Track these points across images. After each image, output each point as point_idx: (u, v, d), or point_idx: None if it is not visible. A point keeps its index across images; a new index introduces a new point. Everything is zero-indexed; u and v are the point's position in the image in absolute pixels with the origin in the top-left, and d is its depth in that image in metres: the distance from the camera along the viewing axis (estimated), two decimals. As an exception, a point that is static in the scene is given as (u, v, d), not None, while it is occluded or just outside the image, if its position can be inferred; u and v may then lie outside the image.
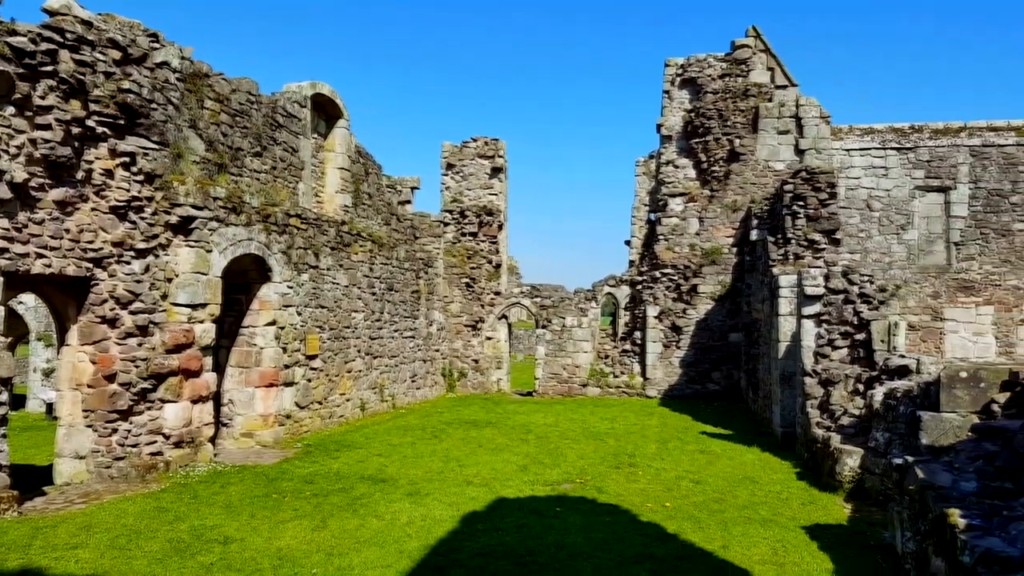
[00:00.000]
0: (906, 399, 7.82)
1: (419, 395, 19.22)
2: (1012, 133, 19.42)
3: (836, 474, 8.89)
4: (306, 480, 9.44)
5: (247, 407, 12.10)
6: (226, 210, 10.80)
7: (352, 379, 15.18)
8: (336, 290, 14.45)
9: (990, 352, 19.18)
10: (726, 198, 20.61)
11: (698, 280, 20.18)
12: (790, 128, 20.25)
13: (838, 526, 7.45)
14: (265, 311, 12.18)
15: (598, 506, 8.26)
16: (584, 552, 6.54)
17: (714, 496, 8.76)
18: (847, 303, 11.15)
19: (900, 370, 9.17)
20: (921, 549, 5.47)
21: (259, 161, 12.98)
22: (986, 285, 19.41)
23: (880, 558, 6.32)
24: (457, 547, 6.66)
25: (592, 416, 16.34)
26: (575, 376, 21.15)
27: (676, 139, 21.54)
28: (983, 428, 5.91)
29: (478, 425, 14.77)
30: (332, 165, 16.11)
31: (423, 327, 19.56)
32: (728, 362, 19.93)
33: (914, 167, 19.80)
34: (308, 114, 14.82)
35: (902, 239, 19.79)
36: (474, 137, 23.36)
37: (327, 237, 14.09)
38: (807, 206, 14.03)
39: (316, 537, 6.97)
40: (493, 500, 8.43)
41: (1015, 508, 4.94)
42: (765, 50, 20.78)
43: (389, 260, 17.17)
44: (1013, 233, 19.33)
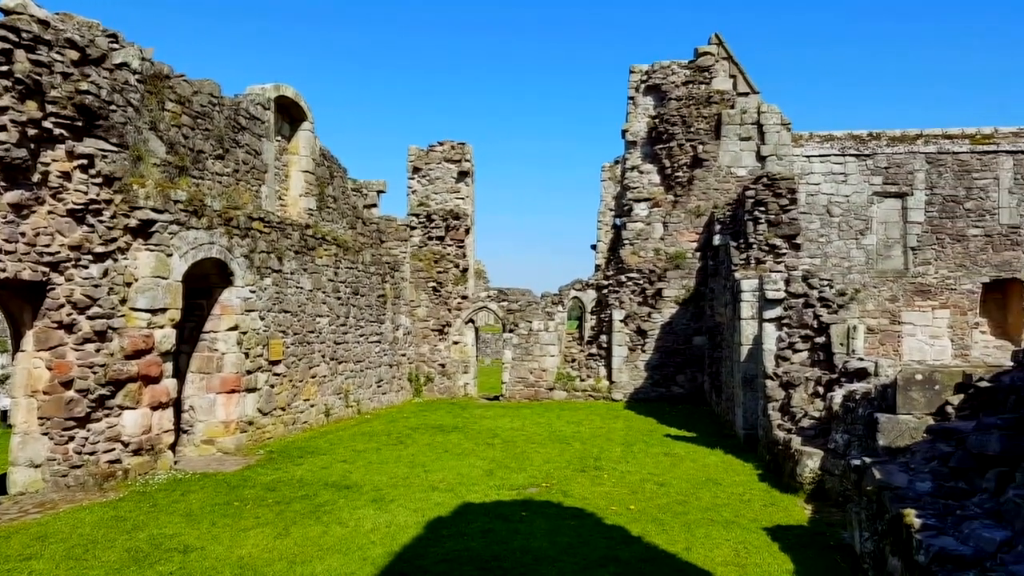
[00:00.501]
0: (864, 401, 7.99)
1: (385, 400, 19.08)
2: (966, 141, 20.01)
3: (797, 476, 9.05)
4: (268, 487, 9.31)
5: (208, 413, 11.89)
6: (187, 213, 10.61)
7: (316, 384, 15.01)
8: (300, 294, 14.29)
9: (946, 355, 19.71)
10: (690, 203, 20.88)
11: (663, 284, 20.39)
12: (752, 135, 20.60)
13: (799, 527, 7.58)
14: (227, 316, 11.99)
15: (563, 510, 8.29)
16: (549, 556, 6.56)
17: (678, 498, 8.85)
18: (807, 307, 11.36)
19: (859, 373, 9.37)
20: (879, 549, 5.59)
21: (221, 164, 12.79)
22: (942, 289, 19.94)
23: (839, 558, 6.45)
24: (422, 553, 6.63)
25: (558, 420, 16.38)
26: (542, 380, 21.20)
27: (641, 145, 21.77)
28: (938, 429, 6.07)
29: (444, 430, 14.72)
30: (296, 168, 15.95)
31: (389, 332, 19.44)
32: (692, 365, 20.16)
33: (872, 173, 20.27)
34: (271, 116, 14.65)
35: (861, 244, 20.25)
36: (441, 141, 23.32)
37: (291, 241, 13.94)
38: (768, 212, 14.28)
39: (278, 545, 6.88)
40: (459, 505, 8.41)
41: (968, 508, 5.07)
42: (727, 57, 21.12)
43: (355, 264, 17.03)
44: (968, 238, 19.90)
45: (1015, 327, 19.86)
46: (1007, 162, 19.78)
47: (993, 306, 20.17)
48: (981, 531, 4.51)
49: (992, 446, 5.03)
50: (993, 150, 19.83)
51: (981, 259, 19.81)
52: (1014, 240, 19.70)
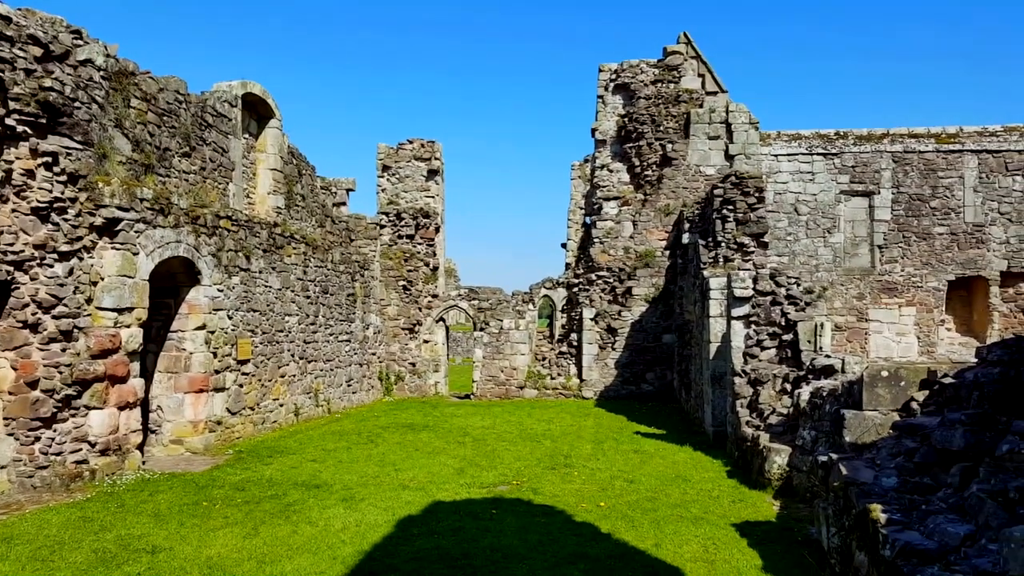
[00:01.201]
0: (831, 398, 8.12)
1: (355, 399, 18.95)
2: (931, 140, 20.43)
3: (765, 472, 9.16)
4: (237, 487, 9.19)
5: (176, 413, 11.70)
6: (153, 211, 10.42)
7: (286, 384, 14.85)
8: (268, 293, 14.11)
9: (912, 352, 20.11)
10: (659, 202, 21.04)
11: (633, 283, 20.51)
12: (720, 134, 20.81)
13: (767, 523, 7.67)
14: (194, 315, 11.81)
15: (534, 507, 8.30)
16: (519, 554, 6.56)
17: (647, 495, 8.91)
18: (775, 304, 11.51)
19: (826, 370, 9.51)
20: (845, 544, 5.68)
21: (188, 162, 12.58)
22: (908, 287, 20.35)
23: (807, 553, 6.54)
24: (392, 552, 6.59)
25: (529, 418, 16.41)
26: (513, 378, 21.21)
27: (610, 143, 21.87)
28: (903, 425, 6.18)
29: (415, 429, 14.66)
30: (264, 166, 15.75)
31: (359, 330, 19.30)
32: (662, 363, 20.32)
33: (839, 172, 20.61)
34: (238, 114, 14.45)
35: (828, 242, 20.57)
36: (410, 139, 23.21)
37: (259, 239, 13.76)
38: (736, 210, 14.43)
39: (247, 545, 6.79)
40: (429, 504, 8.38)
41: (933, 502, 5.17)
42: (696, 57, 21.30)
43: (324, 262, 16.87)
44: (933, 236, 20.32)
45: (980, 324, 20.35)
46: (971, 161, 20.24)
47: (958, 303, 20.64)
48: (945, 525, 4.61)
49: (956, 442, 5.14)
50: (958, 149, 20.28)
51: (946, 257, 20.25)
52: (978, 238, 20.17)
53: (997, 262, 20.06)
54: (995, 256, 20.07)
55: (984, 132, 20.31)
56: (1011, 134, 20.19)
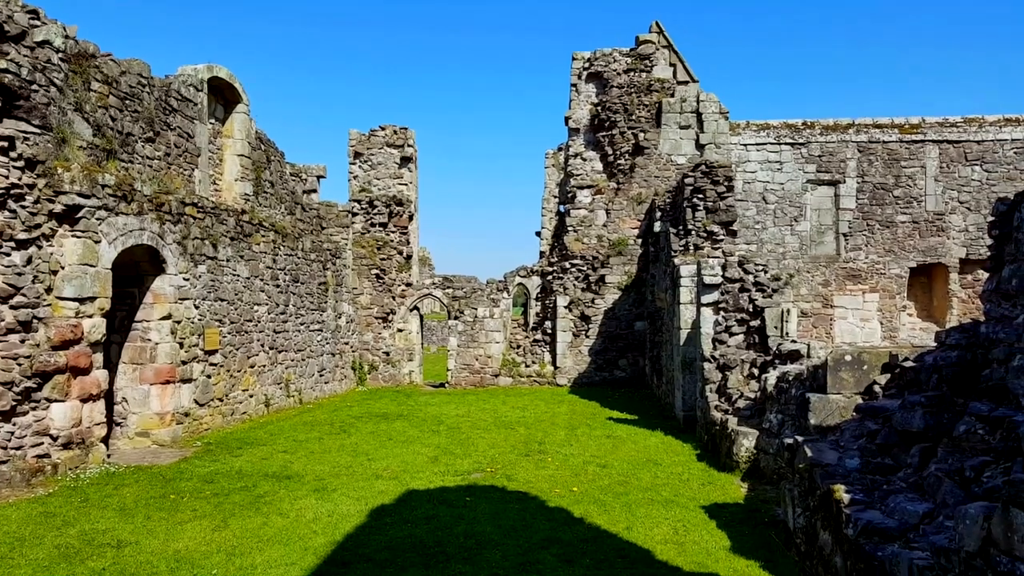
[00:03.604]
0: (797, 382, 8.26)
1: (327, 389, 18.83)
2: (895, 130, 20.78)
3: (733, 455, 9.30)
4: (206, 479, 9.09)
5: (142, 405, 11.52)
6: (116, 198, 10.20)
7: (255, 374, 14.70)
8: (237, 282, 13.93)
9: (876, 337, 20.53)
10: (631, 191, 21.14)
11: (606, 271, 20.62)
12: (691, 123, 20.95)
13: (735, 505, 7.80)
14: (159, 304, 11.61)
15: (508, 494, 8.34)
16: (493, 540, 6.59)
17: (619, 479, 9.01)
18: (743, 291, 11.65)
19: (792, 355, 9.67)
20: (810, 524, 5.79)
21: (151, 147, 12.33)
22: (872, 274, 20.73)
23: (773, 534, 6.66)
24: (364, 541, 6.58)
25: (504, 405, 16.46)
26: (487, 366, 21.24)
27: (584, 132, 21.90)
28: (866, 408, 6.31)
29: (388, 418, 14.62)
30: (231, 152, 15.49)
31: (331, 320, 19.15)
32: (634, 349, 20.50)
33: (806, 161, 20.88)
34: (204, 98, 14.18)
35: (795, 230, 20.86)
36: (382, 125, 22.98)
37: (226, 227, 13.55)
38: (706, 199, 14.56)
39: (216, 537, 6.73)
40: (403, 493, 8.37)
41: (894, 482, 5.30)
42: (668, 46, 21.39)
43: (294, 251, 16.69)
44: (896, 224, 20.71)
45: (940, 310, 20.82)
46: (933, 151, 20.63)
47: (919, 290, 21.09)
48: (905, 504, 4.72)
49: (916, 423, 5.26)
50: (920, 139, 20.65)
51: (908, 244, 20.66)
52: (939, 226, 20.59)
53: (956, 249, 20.51)
54: (955, 244, 20.52)
55: (945, 123, 20.71)
56: (971, 125, 20.61)
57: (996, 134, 20.49)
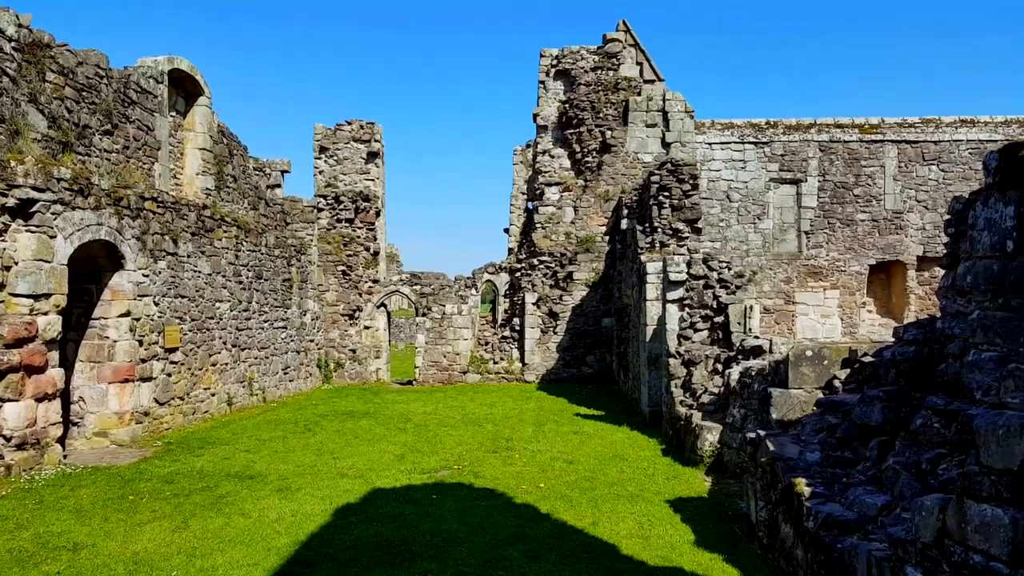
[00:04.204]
0: (759, 377, 8.37)
1: (292, 388, 18.60)
2: (855, 130, 21.19)
3: (697, 449, 9.41)
4: (166, 480, 8.91)
5: (100, 404, 11.24)
6: (72, 192, 9.93)
7: (217, 372, 14.45)
8: (198, 278, 13.67)
9: (836, 332, 20.94)
10: (599, 188, 21.24)
11: (573, 267, 20.70)
12: (657, 121, 21.11)
13: (699, 499, 7.89)
14: (118, 301, 11.34)
15: (474, 491, 8.32)
16: (459, 537, 6.57)
17: (586, 475, 9.05)
18: (707, 288, 11.79)
19: (755, 350, 9.80)
20: (772, 517, 5.87)
21: (110, 140, 12.04)
22: (832, 271, 21.13)
23: (736, 527, 6.75)
24: (329, 541, 6.51)
25: (472, 402, 16.42)
26: (455, 363, 21.18)
27: (552, 129, 21.94)
28: (826, 402, 6.42)
29: (354, 416, 14.49)
30: (192, 145, 15.20)
31: (296, 317, 18.92)
32: (601, 346, 20.62)
33: (769, 160, 21.19)
34: (165, 90, 13.89)
35: (758, 228, 21.17)
36: (349, 120, 22.72)
37: (187, 222, 13.29)
38: (672, 197, 14.69)
39: (176, 539, 6.59)
40: (368, 491, 8.30)
41: (853, 475, 5.40)
42: (634, 45, 21.51)
43: (257, 247, 16.44)
44: (856, 223, 21.13)
45: (898, 306, 21.30)
46: (892, 151, 21.09)
47: (878, 286, 21.56)
48: (864, 497, 4.81)
49: (874, 417, 5.37)
50: (880, 139, 21.09)
51: (868, 242, 21.10)
52: (898, 224, 21.06)
53: (914, 247, 21.01)
54: (912, 242, 21.02)
55: (904, 123, 21.18)
56: (928, 126, 21.11)
57: (952, 134, 21.01)
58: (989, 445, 3.21)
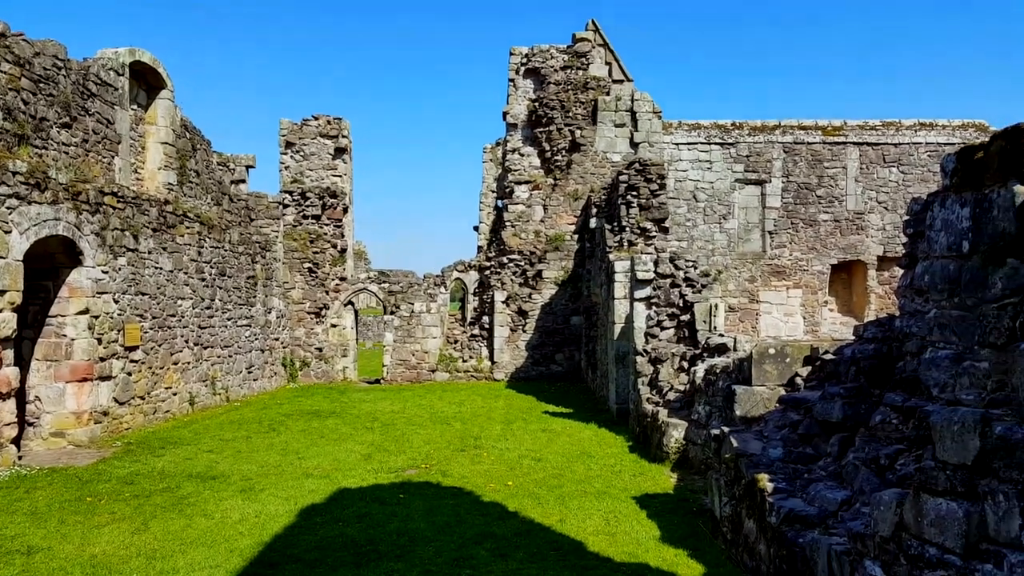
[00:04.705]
0: (724, 374, 8.48)
1: (257, 387, 18.34)
2: (819, 132, 21.56)
3: (663, 446, 9.50)
4: (126, 481, 8.72)
5: (57, 404, 10.97)
6: (28, 186, 9.66)
7: (179, 371, 14.19)
8: (159, 275, 13.41)
9: (799, 331, 21.29)
10: (568, 187, 21.31)
11: (543, 266, 20.75)
12: (626, 121, 21.25)
13: (665, 495, 7.96)
14: (76, 298, 11.07)
15: (442, 490, 8.29)
16: (426, 537, 6.54)
17: (553, 472, 9.07)
18: (674, 287, 11.90)
19: (719, 348, 9.93)
20: (736, 513, 5.95)
21: (68, 133, 11.74)
22: (795, 270, 21.49)
23: (701, 523, 6.83)
24: (294, 541, 6.43)
25: (440, 401, 16.37)
26: (424, 362, 21.09)
27: (521, 127, 21.94)
28: (788, 399, 6.52)
29: (320, 415, 14.34)
30: (154, 139, 14.89)
31: (260, 315, 18.66)
32: (570, 344, 20.70)
33: (735, 161, 21.46)
34: (126, 83, 13.59)
35: (724, 228, 21.43)
36: (315, 115, 22.44)
37: (148, 217, 13.02)
38: (640, 196, 14.81)
39: (136, 541, 6.46)
40: (334, 491, 8.22)
41: (814, 471, 5.49)
42: (604, 44, 21.62)
43: (220, 243, 16.17)
44: (819, 223, 21.51)
45: (859, 305, 21.74)
46: (854, 153, 21.50)
47: (840, 286, 21.98)
48: (825, 492, 4.90)
49: (835, 413, 5.46)
50: (842, 141, 21.49)
51: (830, 242, 21.49)
52: (859, 225, 21.49)
53: (875, 247, 21.46)
54: (873, 242, 21.47)
55: (865, 126, 21.62)
56: (889, 128, 21.58)
57: (912, 137, 21.51)
58: (944, 440, 3.29)
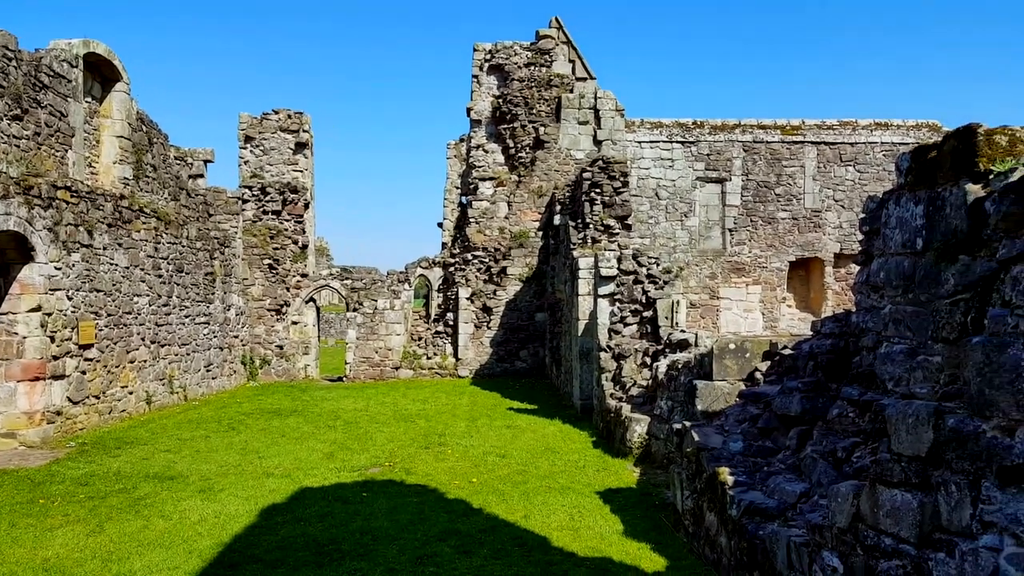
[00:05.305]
0: (686, 370, 8.59)
1: (215, 385, 18.02)
2: (778, 131, 21.94)
3: (627, 441, 9.59)
4: (80, 482, 8.50)
5: (8, 404, 10.63)
6: (-26, 179, 9.33)
7: (135, 370, 13.87)
8: (115, 272, 13.07)
9: (758, 327, 21.67)
10: (532, 184, 21.34)
11: (507, 262, 20.76)
12: (589, 119, 21.36)
13: (628, 489, 8.04)
14: (28, 295, 10.73)
15: (406, 488, 8.25)
16: (389, 535, 6.50)
17: (518, 468, 9.09)
18: (637, 283, 12.02)
19: (681, 344, 10.05)
20: (698, 506, 6.03)
21: (19, 126, 11.37)
22: (755, 267, 21.85)
23: (663, 516, 6.91)
24: (254, 542, 6.33)
25: (404, 399, 16.27)
26: (388, 359, 20.94)
27: (485, 124, 21.90)
28: (748, 394, 6.62)
29: (281, 414, 14.15)
30: (109, 133, 14.51)
31: (219, 312, 18.33)
32: (535, 340, 20.76)
33: (696, 159, 21.73)
34: (80, 75, 13.21)
35: (685, 225, 21.70)
36: (276, 109, 22.08)
37: (103, 212, 12.69)
38: (603, 193, 14.90)
39: (91, 543, 6.30)
40: (295, 491, 8.12)
41: (773, 464, 5.59)
42: (567, 42, 21.69)
43: (178, 239, 15.83)
44: (777, 221, 21.91)
45: (816, 301, 22.21)
46: (811, 152, 21.93)
47: (798, 282, 22.42)
48: (784, 485, 4.99)
49: (793, 407, 5.57)
50: (800, 140, 21.91)
51: (788, 240, 21.91)
52: (816, 222, 21.94)
53: (831, 245, 21.94)
54: (830, 239, 21.94)
55: (823, 125, 22.07)
56: (845, 128, 22.06)
57: (868, 137, 22.02)
58: (899, 433, 3.38)
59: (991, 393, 2.89)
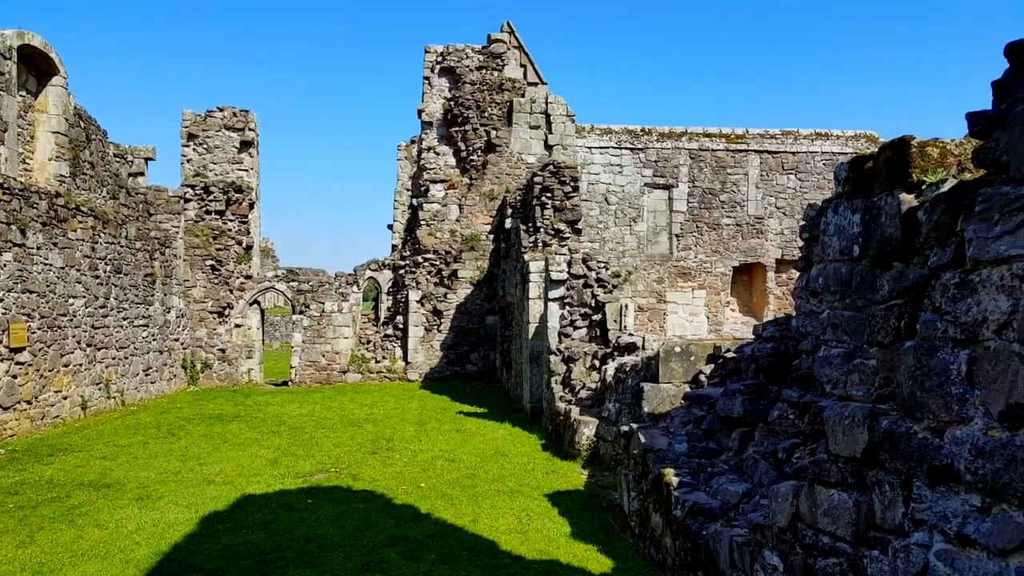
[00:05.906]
0: (633, 372, 8.70)
1: (155, 390, 17.48)
2: (723, 139, 22.45)
3: (575, 443, 9.65)
4: (9, 491, 8.14)
5: (-72, 412, 10.10)
6: None
7: (70, 374, 13.35)
8: (49, 272, 12.57)
9: (703, 330, 22.10)
10: (484, 187, 21.35)
11: (458, 265, 20.70)
12: (540, 124, 21.48)
13: (576, 491, 8.09)
14: (-47, 297, 10.23)
15: (352, 494, 8.14)
16: (335, 542, 6.40)
17: (467, 472, 9.07)
18: (586, 287, 12.13)
19: (629, 347, 10.18)
20: (644, 507, 6.11)
21: (-57, 117, 10.83)
22: (700, 272, 22.30)
23: (610, 518, 6.98)
24: (194, 551, 6.16)
25: (351, 403, 16.06)
26: (335, 363, 20.63)
27: (437, 126, 21.81)
28: (693, 396, 6.75)
29: (223, 419, 13.80)
30: (44, 128, 13.95)
31: (159, 314, 17.79)
32: (485, 344, 20.74)
33: (644, 166, 22.07)
34: (13, 68, 12.67)
35: (634, 230, 22.01)
36: (220, 106, 21.55)
37: (37, 211, 12.19)
38: (554, 198, 15.00)
39: (20, 555, 6.04)
40: (238, 498, 7.93)
41: (717, 465, 5.70)
42: (519, 47, 21.78)
43: (116, 239, 15.32)
44: (722, 227, 22.40)
45: (758, 305, 22.78)
46: (755, 160, 22.51)
47: (741, 287, 22.97)
48: (727, 485, 5.10)
49: (736, 409, 5.70)
50: (744, 149, 22.46)
51: (732, 245, 22.42)
52: (759, 229, 22.52)
53: (773, 251, 22.55)
54: (772, 246, 22.55)
55: (766, 135, 22.68)
56: (787, 137, 22.71)
57: (809, 146, 22.70)
58: (836, 434, 3.48)
59: (922, 396, 3.00)
